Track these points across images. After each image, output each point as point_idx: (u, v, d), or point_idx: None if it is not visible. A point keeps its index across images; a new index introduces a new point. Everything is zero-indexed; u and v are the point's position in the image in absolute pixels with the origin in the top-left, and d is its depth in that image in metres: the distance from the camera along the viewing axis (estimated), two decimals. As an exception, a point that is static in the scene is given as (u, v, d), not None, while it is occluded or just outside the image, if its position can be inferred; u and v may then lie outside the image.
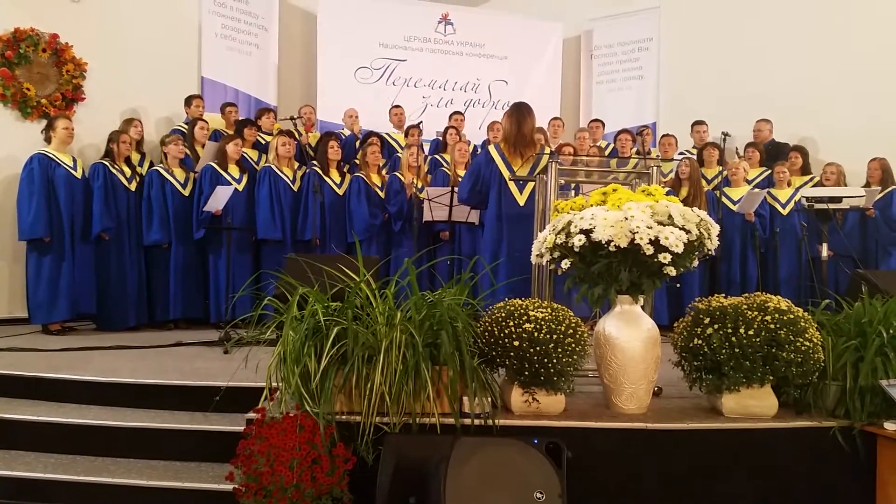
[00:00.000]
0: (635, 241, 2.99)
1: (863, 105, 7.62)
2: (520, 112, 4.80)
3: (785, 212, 6.91)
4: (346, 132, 7.96)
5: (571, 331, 3.10)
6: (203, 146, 6.84)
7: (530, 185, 4.64)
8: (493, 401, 3.12)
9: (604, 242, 3.04)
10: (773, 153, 7.65)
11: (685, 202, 5.96)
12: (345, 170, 6.89)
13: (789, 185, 7.10)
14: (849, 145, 7.32)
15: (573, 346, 3.08)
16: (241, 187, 6.47)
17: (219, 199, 5.96)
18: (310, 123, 7.88)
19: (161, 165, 6.40)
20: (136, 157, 6.58)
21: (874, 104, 7.58)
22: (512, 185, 4.71)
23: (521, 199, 4.68)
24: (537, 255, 3.42)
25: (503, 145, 4.79)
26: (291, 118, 6.55)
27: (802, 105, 7.93)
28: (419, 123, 7.14)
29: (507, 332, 3.07)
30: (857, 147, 7.15)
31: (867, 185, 6.90)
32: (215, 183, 6.22)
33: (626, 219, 3.04)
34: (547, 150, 4.85)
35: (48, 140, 5.95)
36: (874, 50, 7.69)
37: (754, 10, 8.52)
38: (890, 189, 6.78)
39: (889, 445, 3.07)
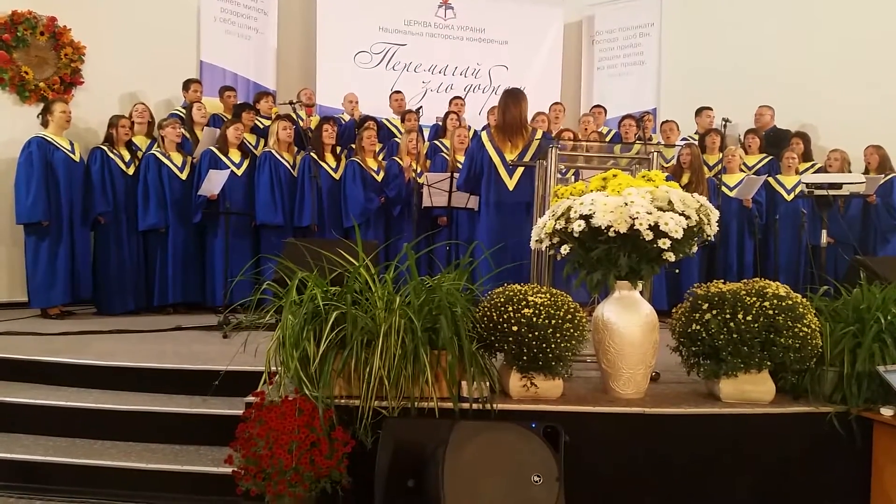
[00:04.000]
0: (635, 227, 2.99)
1: (865, 91, 7.57)
2: (505, 99, 4.82)
3: (789, 198, 6.90)
4: (346, 117, 7.93)
5: (570, 316, 3.10)
6: (202, 129, 6.81)
7: (520, 170, 4.66)
8: (491, 385, 3.13)
9: (603, 228, 3.03)
10: (774, 139, 7.64)
11: (686, 188, 5.94)
12: (338, 152, 6.85)
13: (797, 171, 7.08)
14: (851, 132, 7.27)
15: (571, 331, 3.08)
16: (241, 172, 6.45)
17: (213, 183, 5.95)
18: (310, 107, 7.83)
19: (158, 149, 6.37)
20: (144, 142, 6.54)
21: (877, 90, 7.54)
22: (502, 171, 4.72)
23: (511, 184, 4.69)
24: (536, 241, 3.42)
25: (494, 131, 4.80)
26: (290, 102, 6.51)
27: (804, 91, 7.89)
28: (418, 109, 7.11)
29: (505, 317, 3.07)
30: (860, 133, 7.12)
31: (866, 171, 6.89)
32: (214, 167, 6.20)
33: (626, 204, 3.03)
34: (538, 134, 4.86)
35: (45, 124, 5.92)
36: (876, 36, 7.65)
37: (756, -5, 8.49)
38: (890, 176, 6.77)
39: (885, 431, 3.09)
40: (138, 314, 6.13)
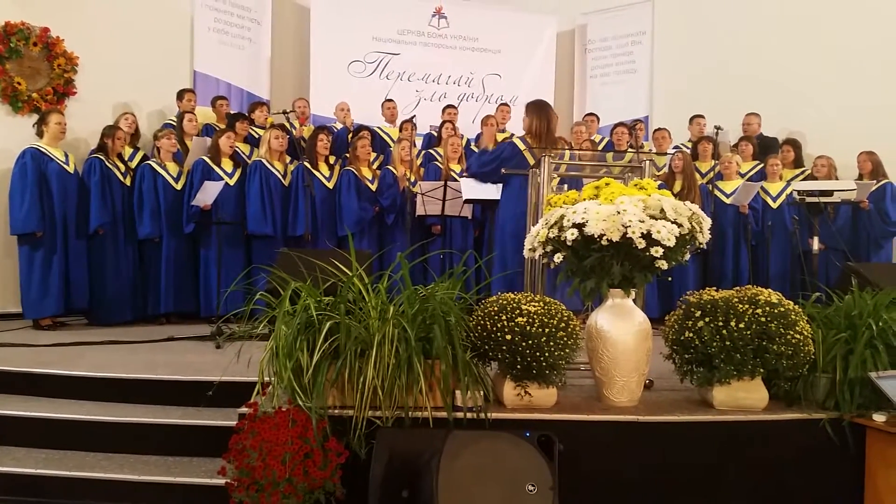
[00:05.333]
0: (627, 235, 3.00)
1: (859, 99, 7.60)
2: (548, 111, 4.78)
3: (775, 205, 6.92)
4: (338, 125, 7.94)
5: (563, 324, 3.11)
6: (192, 139, 6.81)
7: (555, 181, 4.63)
8: (485, 394, 3.13)
9: (596, 236, 3.04)
10: (762, 147, 7.68)
11: (679, 196, 5.98)
12: (331, 162, 6.85)
13: (781, 178, 7.11)
14: (843, 139, 7.30)
15: (565, 339, 3.09)
16: (233, 181, 6.45)
17: (207, 194, 5.94)
18: (304, 117, 7.86)
19: (154, 160, 6.37)
20: (127, 152, 6.53)
21: (866, 97, 7.58)
22: None
23: None
24: (530, 249, 3.43)
25: (529, 139, 4.75)
26: (284, 112, 6.52)
27: (797, 98, 7.93)
28: (412, 118, 7.12)
29: (499, 325, 3.07)
30: (852, 140, 7.15)
31: (859, 178, 6.93)
32: (207, 177, 6.20)
33: (619, 213, 3.04)
34: (567, 148, 4.84)
35: (40, 134, 5.91)
36: (867, 44, 7.69)
37: (747, 2, 8.53)
38: (883, 182, 6.81)
39: (878, 436, 3.10)
40: (131, 324, 6.10)
